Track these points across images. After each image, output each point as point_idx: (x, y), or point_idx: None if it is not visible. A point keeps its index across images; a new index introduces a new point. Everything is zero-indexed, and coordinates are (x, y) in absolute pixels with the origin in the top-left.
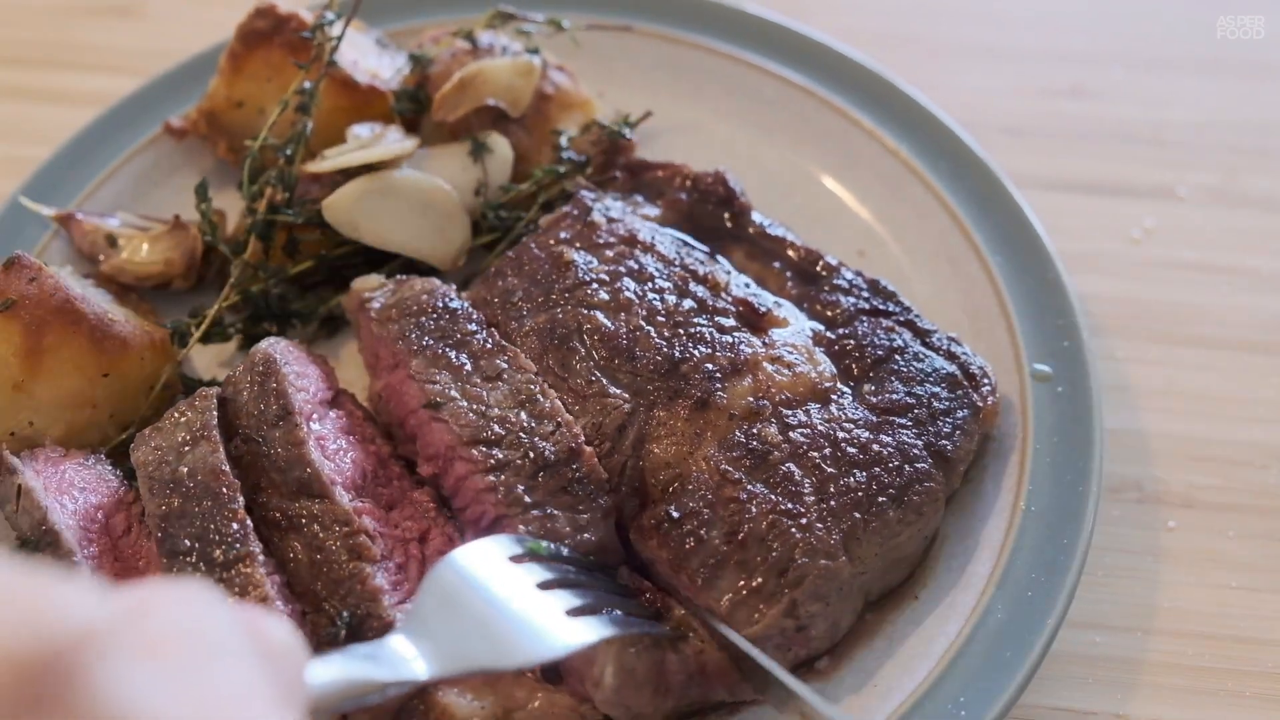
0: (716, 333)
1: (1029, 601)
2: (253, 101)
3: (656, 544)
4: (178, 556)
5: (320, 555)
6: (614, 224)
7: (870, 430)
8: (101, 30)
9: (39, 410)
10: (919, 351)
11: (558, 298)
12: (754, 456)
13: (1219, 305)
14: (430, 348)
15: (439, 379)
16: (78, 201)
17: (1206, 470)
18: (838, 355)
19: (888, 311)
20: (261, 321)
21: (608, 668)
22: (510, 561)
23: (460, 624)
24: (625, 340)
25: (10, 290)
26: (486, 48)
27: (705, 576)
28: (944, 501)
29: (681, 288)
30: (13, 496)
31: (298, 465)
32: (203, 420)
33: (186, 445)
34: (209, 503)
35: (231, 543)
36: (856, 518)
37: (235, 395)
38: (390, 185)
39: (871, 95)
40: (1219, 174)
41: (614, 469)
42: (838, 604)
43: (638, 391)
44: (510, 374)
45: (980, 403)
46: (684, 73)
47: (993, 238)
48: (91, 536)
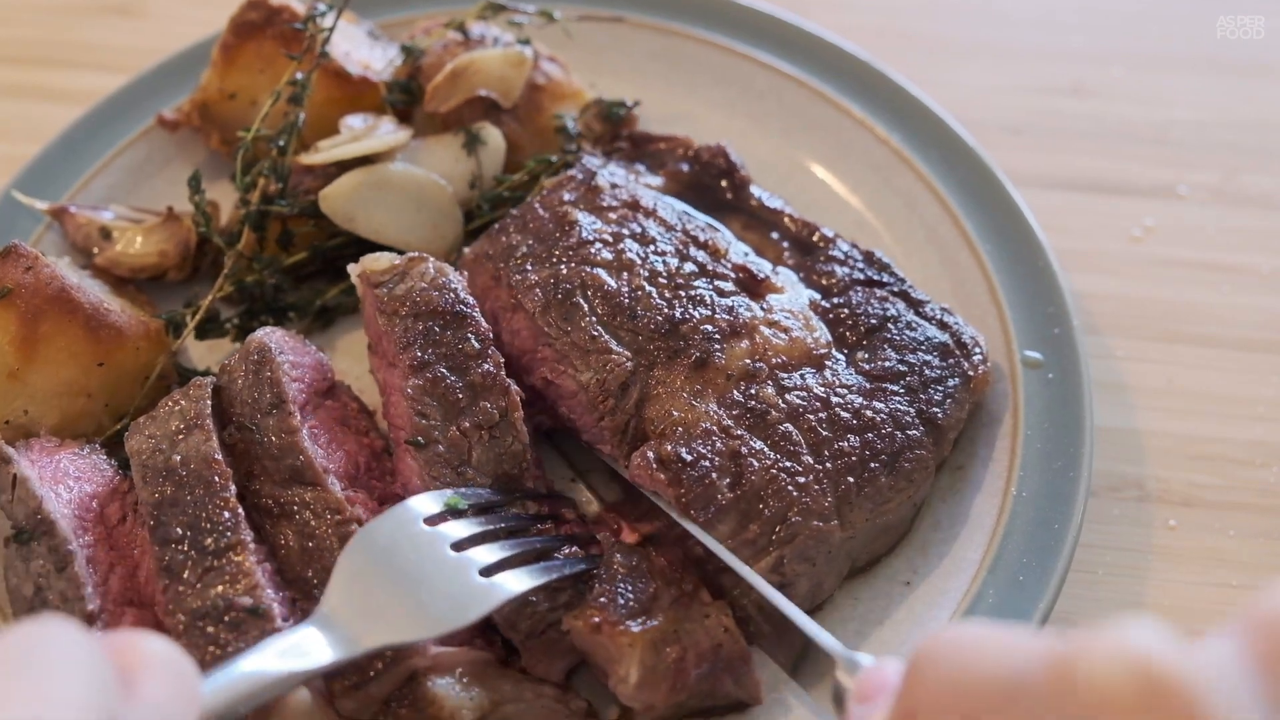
0: (716, 296)
1: (1020, 586)
2: (245, 93)
3: (666, 481)
4: (169, 544)
5: (312, 543)
6: (617, 189)
7: (864, 396)
8: (102, 29)
9: (34, 399)
10: (912, 320)
11: (561, 254)
12: (753, 415)
13: (1219, 304)
14: (431, 366)
15: (430, 414)
16: (71, 195)
17: (1207, 469)
18: (832, 323)
19: (882, 282)
20: (258, 315)
21: (633, 669)
22: (425, 524)
23: (372, 601)
24: (627, 299)
25: (6, 279)
26: (478, 39)
27: (707, 519)
28: (934, 470)
29: (682, 252)
30: (8, 486)
31: (290, 453)
32: (197, 409)
33: (180, 434)
34: (200, 491)
35: (222, 531)
36: (850, 482)
37: (230, 383)
38: (386, 178)
39: (862, 85)
40: (1219, 173)
41: (617, 426)
42: (824, 566)
43: (639, 350)
44: (502, 432)
45: (971, 371)
46: (675, 63)
47: (983, 226)
48: (86, 525)
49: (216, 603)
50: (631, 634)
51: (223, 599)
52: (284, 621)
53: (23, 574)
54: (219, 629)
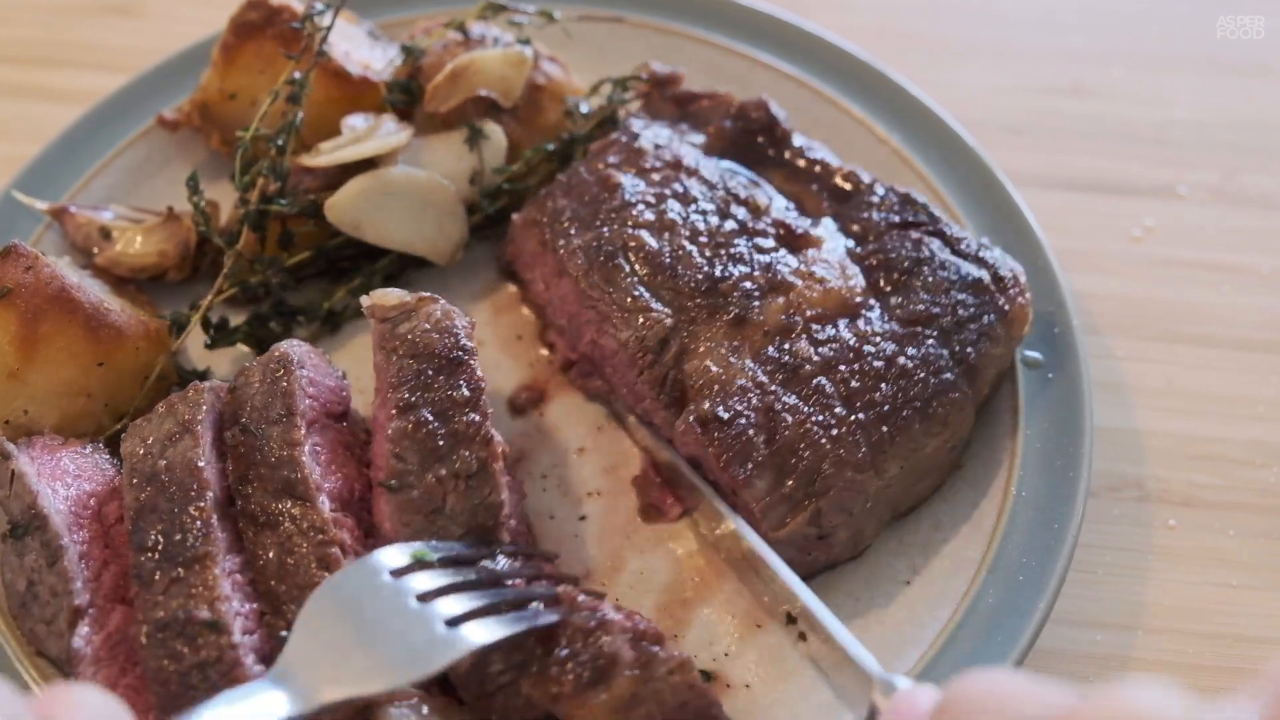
0: (755, 253)
1: (1020, 586)
2: (245, 93)
3: (705, 442)
4: (143, 551)
5: (290, 559)
6: (660, 150)
7: (896, 343)
8: (102, 29)
9: (34, 398)
10: (945, 260)
11: (605, 217)
12: (786, 370)
13: (1219, 304)
14: (416, 409)
15: (408, 458)
16: (71, 195)
17: (1207, 469)
18: (869, 270)
19: (918, 223)
20: (266, 321)
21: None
22: (391, 576)
23: (333, 652)
24: (668, 259)
25: (6, 279)
26: (478, 39)
27: (745, 476)
28: (971, 411)
29: (723, 210)
30: (6, 481)
31: (287, 465)
32: (191, 414)
33: (171, 438)
34: (179, 497)
35: (193, 541)
36: (883, 431)
37: (245, 385)
38: (389, 182)
39: (862, 85)
40: (1219, 173)
41: (656, 380)
42: (861, 515)
43: (679, 308)
44: (479, 482)
45: (1006, 305)
46: (675, 63)
47: (983, 226)
48: (82, 522)
49: (177, 614)
50: (591, 706)
51: (183, 611)
52: (244, 636)
53: (16, 568)
54: (177, 641)
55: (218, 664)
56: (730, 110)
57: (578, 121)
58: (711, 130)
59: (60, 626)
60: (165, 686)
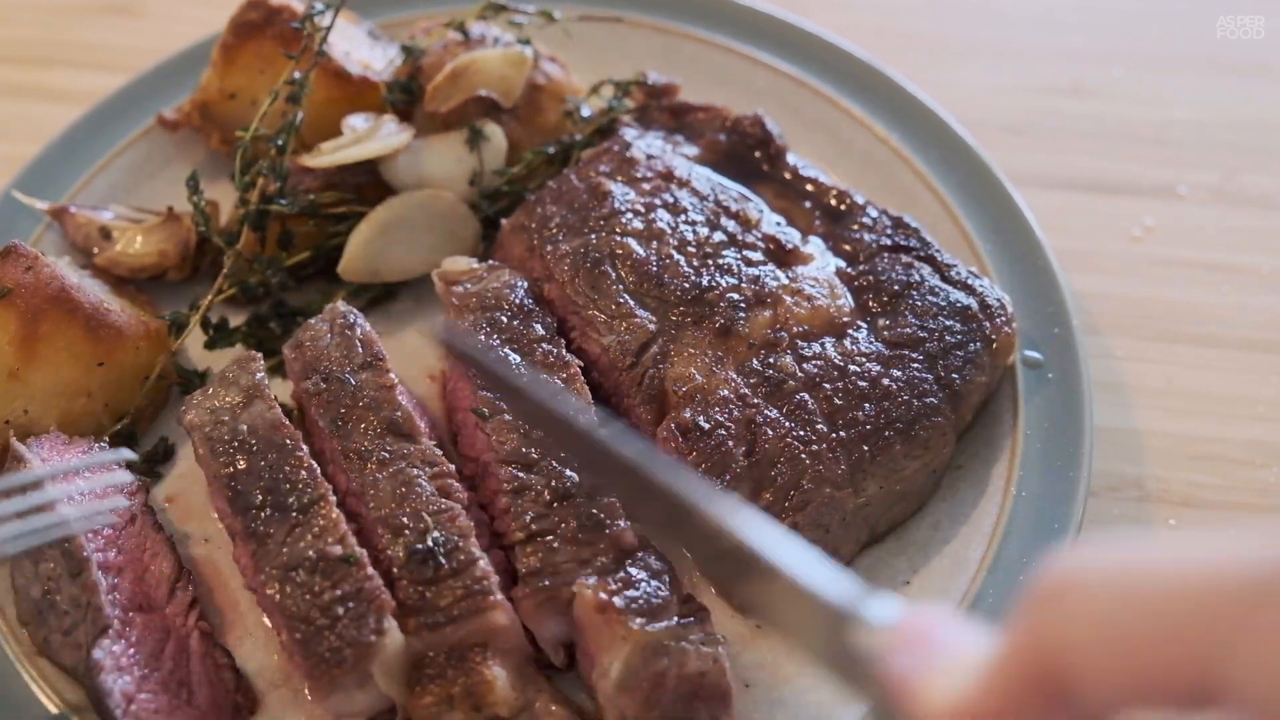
0: (743, 265)
1: (1020, 586)
2: (245, 93)
3: (684, 450)
4: (250, 510)
5: (406, 489)
6: (652, 160)
7: (882, 364)
8: (102, 29)
9: (34, 399)
10: (935, 285)
11: (593, 224)
12: (769, 384)
13: (1219, 304)
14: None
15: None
16: (71, 195)
17: (1207, 469)
18: (858, 290)
19: (909, 247)
20: (266, 322)
21: (618, 665)
22: None
23: None
24: (655, 267)
25: (6, 278)
26: (478, 39)
27: (724, 486)
28: (953, 437)
29: (713, 221)
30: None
31: (387, 406)
32: (253, 381)
33: (241, 405)
34: (274, 455)
35: (303, 489)
36: (864, 450)
37: (314, 341)
38: (389, 219)
39: (862, 85)
40: (1219, 173)
41: (634, 380)
42: (838, 533)
43: (663, 316)
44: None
45: (993, 334)
46: (674, 63)
47: (983, 226)
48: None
49: (308, 554)
50: (629, 630)
51: (314, 550)
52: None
53: (30, 575)
54: (315, 578)
55: (359, 595)
56: (726, 123)
57: (578, 123)
58: (706, 143)
59: (79, 638)
60: (309, 624)
